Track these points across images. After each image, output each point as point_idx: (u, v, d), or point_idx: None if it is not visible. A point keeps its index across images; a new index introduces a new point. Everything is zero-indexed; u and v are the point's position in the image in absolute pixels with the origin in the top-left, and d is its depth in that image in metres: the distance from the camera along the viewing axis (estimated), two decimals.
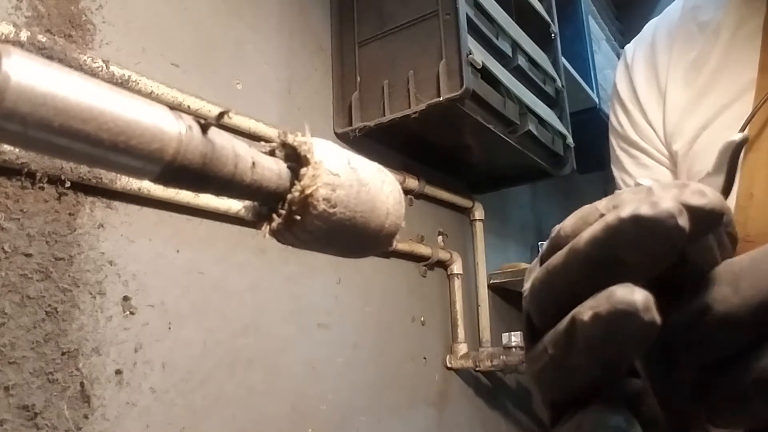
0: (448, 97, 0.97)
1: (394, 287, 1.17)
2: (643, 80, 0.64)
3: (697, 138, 0.57)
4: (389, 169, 0.29)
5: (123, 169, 0.20)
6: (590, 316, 0.20)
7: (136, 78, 0.71)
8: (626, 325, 0.20)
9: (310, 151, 0.24)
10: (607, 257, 0.21)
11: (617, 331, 0.20)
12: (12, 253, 0.59)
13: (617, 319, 0.20)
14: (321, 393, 0.94)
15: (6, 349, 0.57)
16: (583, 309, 0.21)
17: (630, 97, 0.65)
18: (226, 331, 0.80)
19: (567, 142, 1.35)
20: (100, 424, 0.64)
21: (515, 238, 1.72)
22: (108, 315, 0.67)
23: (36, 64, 0.17)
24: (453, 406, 1.28)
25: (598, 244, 0.21)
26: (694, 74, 0.59)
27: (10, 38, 0.59)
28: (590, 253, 0.21)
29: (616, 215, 0.20)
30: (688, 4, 0.64)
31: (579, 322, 0.21)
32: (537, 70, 1.31)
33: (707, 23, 0.60)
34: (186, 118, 0.21)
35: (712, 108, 0.56)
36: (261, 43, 0.96)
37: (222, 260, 0.82)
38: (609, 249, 0.21)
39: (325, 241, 0.25)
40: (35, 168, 0.61)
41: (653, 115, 0.63)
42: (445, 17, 1.01)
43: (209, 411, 0.76)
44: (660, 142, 0.63)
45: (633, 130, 0.65)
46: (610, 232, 0.21)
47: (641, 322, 0.19)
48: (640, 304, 0.19)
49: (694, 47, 0.60)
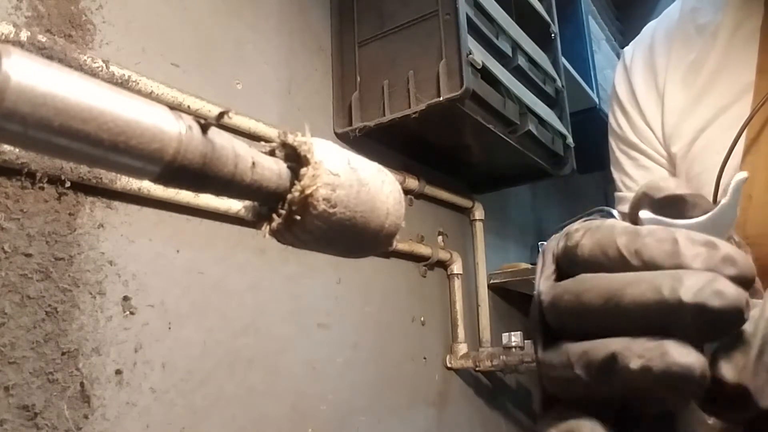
0: (448, 97, 0.97)
1: (394, 287, 1.17)
2: (641, 82, 0.64)
3: (696, 140, 0.57)
4: (389, 169, 0.29)
5: (123, 169, 0.20)
6: (640, 366, 0.20)
7: (136, 78, 0.71)
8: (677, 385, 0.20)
9: (310, 151, 0.24)
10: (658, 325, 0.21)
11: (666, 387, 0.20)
12: (12, 253, 0.59)
13: (670, 378, 0.19)
14: (321, 393, 0.94)
15: (6, 349, 0.57)
16: (630, 355, 0.20)
17: (629, 99, 0.66)
18: (226, 331, 0.80)
19: (567, 142, 1.35)
20: (100, 424, 0.64)
21: (515, 238, 1.72)
22: (108, 315, 0.67)
23: (36, 64, 0.17)
24: (453, 406, 1.28)
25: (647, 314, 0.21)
26: (693, 76, 0.59)
27: (10, 38, 0.59)
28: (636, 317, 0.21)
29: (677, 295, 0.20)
30: (686, 6, 0.64)
31: (623, 366, 0.20)
32: (537, 70, 1.31)
33: (705, 25, 0.60)
34: (186, 118, 0.21)
35: (710, 110, 0.56)
36: (261, 43, 0.96)
37: (222, 260, 0.82)
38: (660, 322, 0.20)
39: (325, 241, 0.25)
40: (35, 168, 0.61)
41: (652, 116, 0.63)
42: (445, 17, 1.01)
43: (209, 411, 0.76)
44: (659, 144, 0.63)
45: (632, 131, 0.65)
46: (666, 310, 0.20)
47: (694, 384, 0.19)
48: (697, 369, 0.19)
49: (693, 49, 0.60)
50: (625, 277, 0.22)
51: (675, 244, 0.22)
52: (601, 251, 0.23)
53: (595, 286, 0.22)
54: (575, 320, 0.23)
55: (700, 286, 0.20)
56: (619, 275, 0.22)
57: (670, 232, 0.22)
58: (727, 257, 0.21)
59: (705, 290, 0.20)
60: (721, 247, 0.21)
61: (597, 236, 0.23)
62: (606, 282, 0.22)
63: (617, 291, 0.21)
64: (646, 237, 0.22)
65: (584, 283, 0.23)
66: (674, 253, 0.21)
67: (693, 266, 0.21)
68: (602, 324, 0.22)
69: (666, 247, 0.22)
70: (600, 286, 0.22)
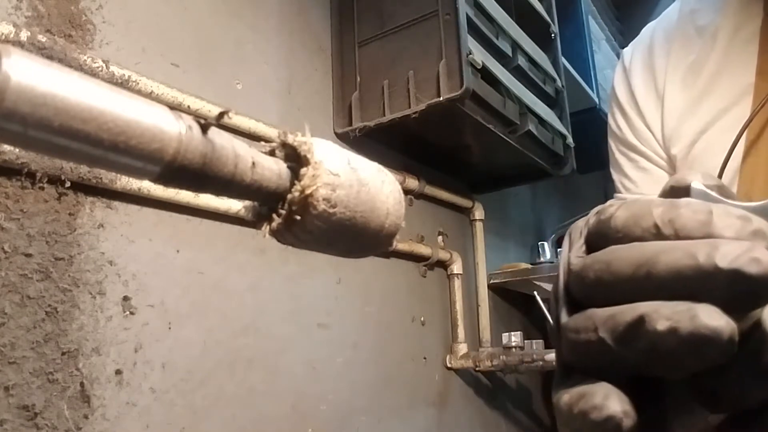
0: (448, 97, 0.97)
1: (394, 287, 1.17)
2: (641, 84, 0.64)
3: (696, 142, 0.57)
4: (389, 169, 0.29)
5: (123, 169, 0.20)
6: (667, 327, 0.20)
7: (136, 78, 0.71)
8: (704, 348, 0.19)
9: (310, 151, 0.24)
10: (689, 292, 0.20)
11: (692, 350, 0.20)
12: (12, 253, 0.59)
13: (697, 340, 0.19)
14: (321, 393, 0.94)
15: (6, 349, 0.57)
16: (658, 316, 0.20)
17: (628, 100, 0.65)
18: (226, 331, 0.80)
19: (567, 142, 1.35)
20: (100, 424, 0.64)
21: (515, 238, 1.72)
22: (108, 315, 0.67)
23: (36, 64, 0.17)
24: (453, 406, 1.28)
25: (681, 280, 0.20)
26: (692, 78, 0.59)
27: (10, 38, 0.59)
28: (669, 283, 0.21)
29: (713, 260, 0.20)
30: (685, 7, 0.63)
31: (651, 328, 0.20)
32: (537, 70, 1.31)
33: (705, 27, 0.60)
34: (186, 118, 0.21)
35: (710, 112, 0.56)
36: (261, 43, 0.96)
37: (222, 260, 0.82)
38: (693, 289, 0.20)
39: (325, 241, 0.25)
40: (35, 168, 0.61)
41: (651, 118, 0.63)
42: (445, 17, 1.01)
43: (209, 411, 0.76)
44: (658, 146, 0.63)
45: (631, 133, 0.65)
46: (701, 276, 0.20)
47: (721, 349, 0.19)
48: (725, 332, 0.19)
49: (692, 51, 0.60)
50: (657, 244, 0.22)
51: (709, 215, 0.22)
52: (635, 221, 0.23)
53: (627, 255, 0.22)
54: (604, 289, 0.23)
55: (737, 253, 0.20)
56: (652, 243, 0.22)
57: (707, 205, 0.22)
58: (759, 231, 0.21)
59: (742, 257, 0.20)
60: (755, 221, 0.21)
61: (633, 208, 0.23)
62: (638, 250, 0.22)
63: (650, 258, 0.21)
64: (681, 208, 0.22)
65: (615, 252, 0.23)
66: (707, 223, 0.21)
67: (724, 236, 0.21)
68: (633, 291, 0.22)
69: (700, 217, 0.22)
70: (632, 254, 0.22)
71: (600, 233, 0.24)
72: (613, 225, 0.23)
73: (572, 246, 0.26)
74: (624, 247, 0.23)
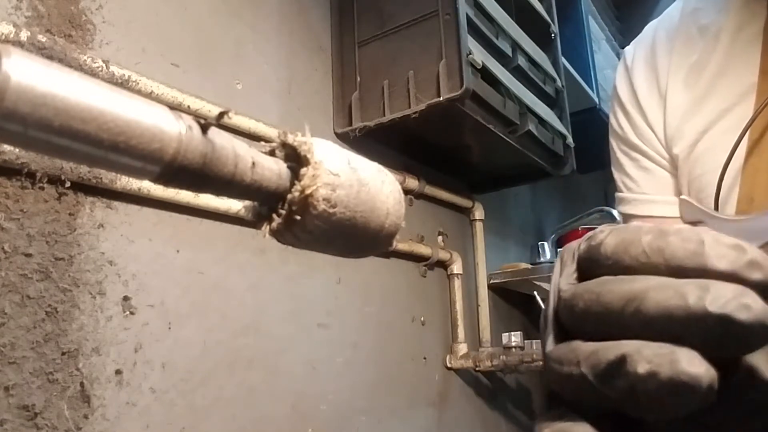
0: (448, 97, 0.97)
1: (394, 287, 1.17)
2: (643, 83, 0.64)
3: (698, 141, 0.57)
4: (389, 169, 0.29)
5: (123, 169, 0.20)
6: (647, 371, 0.20)
7: (136, 78, 0.71)
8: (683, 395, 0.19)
9: (310, 151, 0.24)
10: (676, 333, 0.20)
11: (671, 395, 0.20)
12: (12, 253, 0.59)
13: (676, 386, 0.19)
14: (321, 393, 0.94)
15: (6, 349, 0.57)
16: (639, 358, 0.20)
17: (630, 99, 0.65)
18: (226, 331, 0.80)
19: (567, 142, 1.35)
20: (100, 424, 0.64)
21: (515, 238, 1.72)
22: (108, 315, 0.67)
23: (36, 64, 0.17)
24: (453, 406, 1.28)
25: (669, 320, 0.20)
26: (695, 77, 0.59)
27: (10, 38, 0.59)
28: (657, 322, 0.21)
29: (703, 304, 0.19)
30: (687, 6, 0.63)
31: (631, 369, 0.20)
32: (537, 70, 1.31)
33: (708, 26, 0.59)
34: (186, 118, 0.21)
35: (712, 112, 0.56)
36: (261, 43, 0.96)
37: (222, 260, 0.82)
38: (680, 329, 0.20)
39: (325, 241, 0.25)
40: (35, 168, 0.61)
41: (653, 117, 0.63)
42: (445, 17, 1.01)
43: (209, 411, 0.76)
44: (660, 145, 0.62)
45: (633, 132, 0.65)
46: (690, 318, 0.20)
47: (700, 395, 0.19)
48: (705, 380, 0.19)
49: (695, 50, 0.60)
50: (649, 280, 0.21)
51: (701, 244, 0.21)
52: (624, 248, 0.23)
53: (618, 288, 0.22)
54: (593, 320, 0.23)
55: (727, 297, 0.19)
56: (643, 278, 0.22)
57: (697, 232, 0.22)
58: (754, 262, 0.21)
59: (732, 302, 0.19)
60: (748, 250, 0.21)
61: (622, 234, 0.23)
62: (629, 284, 0.22)
63: (639, 294, 0.21)
64: (671, 235, 0.22)
65: (606, 283, 0.23)
66: (698, 253, 0.21)
67: (717, 267, 0.21)
68: (620, 326, 0.22)
69: (691, 247, 0.21)
70: (622, 287, 0.22)
71: (591, 259, 0.24)
72: (603, 252, 0.23)
73: (563, 270, 0.26)
74: (615, 279, 0.22)
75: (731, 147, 0.51)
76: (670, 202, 0.62)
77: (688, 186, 0.59)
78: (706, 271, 0.21)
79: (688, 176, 0.58)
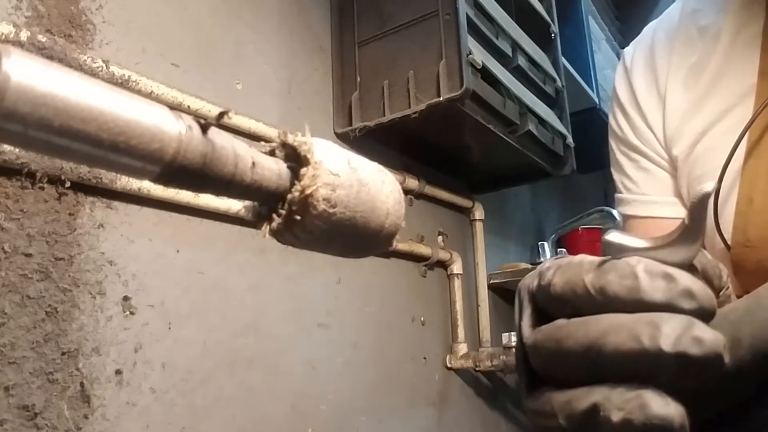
0: (448, 97, 0.97)
1: (394, 287, 1.17)
2: (642, 84, 0.64)
3: (698, 142, 0.57)
4: (389, 169, 0.29)
5: (123, 169, 0.20)
6: (620, 419, 0.20)
7: (136, 78, 0.71)
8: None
9: (310, 151, 0.24)
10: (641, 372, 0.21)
11: None
12: (12, 253, 0.59)
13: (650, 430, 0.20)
14: (321, 393, 0.94)
15: (6, 349, 0.57)
16: (611, 406, 0.21)
17: (629, 100, 0.65)
18: (226, 331, 0.80)
19: (567, 142, 1.35)
20: (100, 424, 0.64)
21: (515, 238, 1.72)
22: (108, 315, 0.67)
23: (36, 64, 0.17)
24: (453, 406, 1.28)
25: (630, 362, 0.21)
26: (694, 78, 0.59)
27: (10, 38, 0.59)
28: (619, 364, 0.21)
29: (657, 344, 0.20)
30: (687, 7, 0.63)
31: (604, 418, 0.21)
32: (537, 70, 1.31)
33: (707, 27, 0.59)
34: (186, 118, 0.21)
35: (712, 113, 0.56)
36: (261, 43, 0.96)
37: (222, 260, 0.82)
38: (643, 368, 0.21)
39: (325, 241, 0.25)
40: (35, 168, 0.61)
41: (653, 118, 0.63)
42: (445, 17, 1.01)
43: (209, 411, 0.76)
44: (660, 146, 0.62)
45: (633, 133, 0.65)
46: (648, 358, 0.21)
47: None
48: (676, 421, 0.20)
49: (694, 51, 0.60)
50: (601, 323, 0.22)
51: (635, 279, 0.22)
52: (570, 289, 0.24)
53: (574, 333, 0.23)
54: (559, 366, 0.24)
55: (677, 334, 0.20)
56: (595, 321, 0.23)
57: (630, 267, 0.23)
58: (685, 291, 0.22)
59: (683, 338, 0.20)
60: (679, 279, 0.22)
61: (567, 274, 0.24)
62: (584, 329, 0.23)
63: (597, 339, 0.22)
64: (609, 273, 0.23)
65: (563, 329, 0.24)
66: (635, 289, 0.22)
67: (654, 300, 0.22)
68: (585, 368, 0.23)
69: (627, 283, 0.23)
70: (579, 333, 0.23)
71: (544, 297, 0.25)
72: (553, 292, 0.25)
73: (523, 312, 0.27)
74: (570, 324, 0.24)
75: (731, 148, 0.51)
76: (669, 202, 0.62)
77: (687, 187, 0.59)
78: (646, 304, 0.22)
79: (688, 177, 0.58)
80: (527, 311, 0.27)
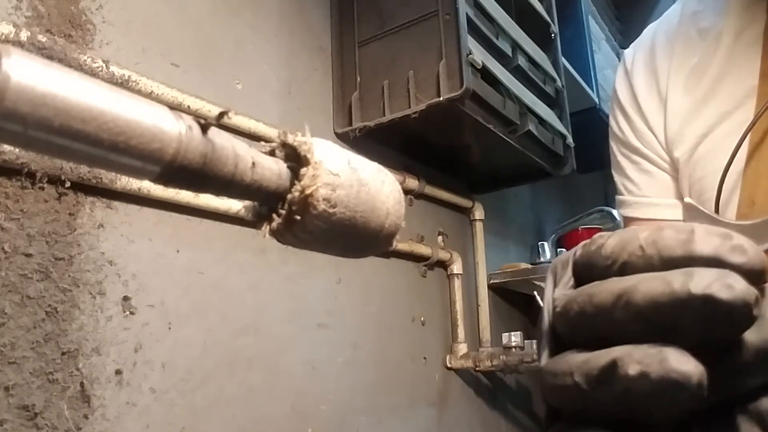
0: (448, 97, 0.97)
1: (394, 287, 1.17)
2: (643, 86, 0.64)
3: (699, 144, 0.57)
4: (389, 169, 0.29)
5: (123, 169, 0.20)
6: (638, 372, 0.20)
7: (136, 78, 0.71)
8: (674, 393, 0.20)
9: (310, 151, 0.24)
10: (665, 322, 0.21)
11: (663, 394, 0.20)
12: (12, 253, 0.59)
13: (667, 385, 0.20)
14: (321, 393, 0.94)
15: (6, 349, 0.57)
16: (629, 361, 0.21)
17: (630, 102, 0.65)
18: (226, 331, 0.80)
19: (567, 142, 1.35)
20: (100, 424, 0.64)
21: (515, 238, 1.72)
22: (108, 315, 0.67)
23: (36, 64, 0.17)
24: (453, 406, 1.28)
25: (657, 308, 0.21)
26: (695, 81, 0.59)
27: (10, 38, 0.59)
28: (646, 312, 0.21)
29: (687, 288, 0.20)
30: (687, 9, 0.63)
31: (622, 373, 0.21)
32: (537, 70, 1.31)
33: (708, 29, 0.59)
34: (186, 118, 0.21)
35: (713, 115, 0.56)
36: (261, 43, 0.96)
37: (222, 260, 0.82)
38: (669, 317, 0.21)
39: (325, 241, 0.25)
40: (35, 168, 0.61)
41: (654, 120, 0.62)
42: (445, 17, 1.01)
43: (209, 411, 0.76)
44: (661, 148, 0.62)
45: (634, 135, 0.65)
46: (676, 303, 0.20)
47: (691, 393, 0.20)
48: (694, 377, 0.20)
49: (695, 53, 0.59)
50: (638, 275, 0.22)
51: (691, 233, 0.22)
52: (622, 246, 0.23)
53: (609, 286, 0.23)
54: (586, 322, 0.23)
55: (710, 279, 0.20)
56: (635, 276, 0.22)
57: (690, 225, 0.23)
58: (738, 246, 0.21)
59: (715, 284, 0.20)
60: (735, 237, 0.22)
61: (623, 235, 0.24)
62: (619, 281, 0.23)
63: (629, 288, 0.22)
64: (666, 229, 0.23)
65: (598, 285, 0.23)
66: (687, 241, 0.22)
67: (703, 252, 0.21)
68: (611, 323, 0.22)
69: (681, 236, 0.22)
70: (613, 285, 0.23)
71: (588, 263, 0.25)
72: (604, 252, 0.24)
73: (557, 283, 0.26)
74: (608, 280, 0.23)
75: (732, 150, 0.51)
76: (671, 205, 0.62)
77: (689, 189, 0.59)
78: (693, 257, 0.22)
79: (689, 179, 0.58)
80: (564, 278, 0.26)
